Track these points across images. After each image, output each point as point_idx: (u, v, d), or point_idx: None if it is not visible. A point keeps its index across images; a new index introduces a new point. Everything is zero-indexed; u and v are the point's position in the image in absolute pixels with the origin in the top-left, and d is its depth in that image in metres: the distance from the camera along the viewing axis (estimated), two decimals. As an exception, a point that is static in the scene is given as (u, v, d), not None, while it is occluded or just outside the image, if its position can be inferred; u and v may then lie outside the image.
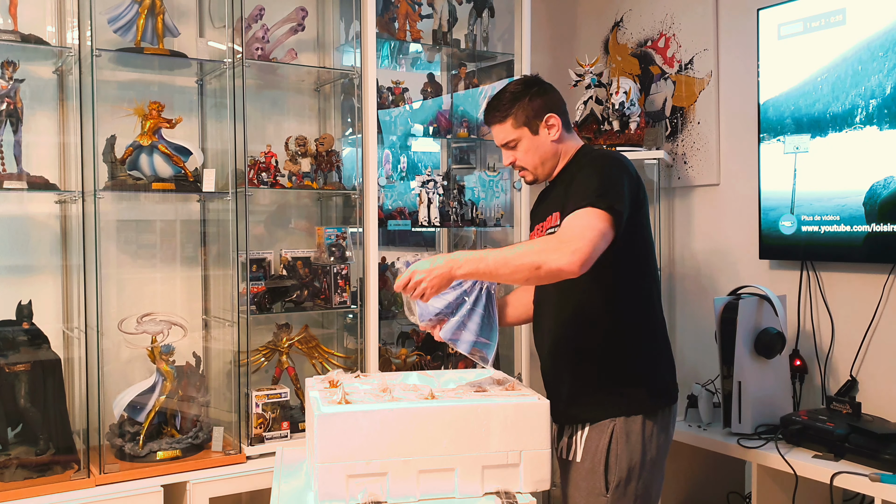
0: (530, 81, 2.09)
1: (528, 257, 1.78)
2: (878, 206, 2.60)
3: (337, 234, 2.91)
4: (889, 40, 2.56)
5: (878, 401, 2.67)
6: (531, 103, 2.03)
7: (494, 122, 2.07)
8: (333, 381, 2.03)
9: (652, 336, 2.04)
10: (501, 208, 3.28)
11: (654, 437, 1.96)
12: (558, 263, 1.75)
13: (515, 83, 2.08)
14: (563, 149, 2.06)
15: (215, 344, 2.87)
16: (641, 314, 2.02)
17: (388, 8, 3.01)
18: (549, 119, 2.03)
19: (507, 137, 2.06)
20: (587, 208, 1.82)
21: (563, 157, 2.07)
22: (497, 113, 2.05)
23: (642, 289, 2.02)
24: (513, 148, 2.07)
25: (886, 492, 2.19)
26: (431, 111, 3.19)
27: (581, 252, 1.75)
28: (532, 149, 2.04)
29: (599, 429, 1.96)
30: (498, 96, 2.07)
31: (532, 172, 2.08)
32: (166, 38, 2.66)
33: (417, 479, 1.77)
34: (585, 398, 2.00)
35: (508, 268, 1.79)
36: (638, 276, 2.01)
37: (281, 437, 2.66)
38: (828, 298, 2.83)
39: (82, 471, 2.38)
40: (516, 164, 2.09)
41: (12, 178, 2.39)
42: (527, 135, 2.04)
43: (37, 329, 2.46)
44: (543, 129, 2.03)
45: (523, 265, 1.78)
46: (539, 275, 1.78)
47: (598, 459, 1.95)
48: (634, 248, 1.97)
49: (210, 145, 2.87)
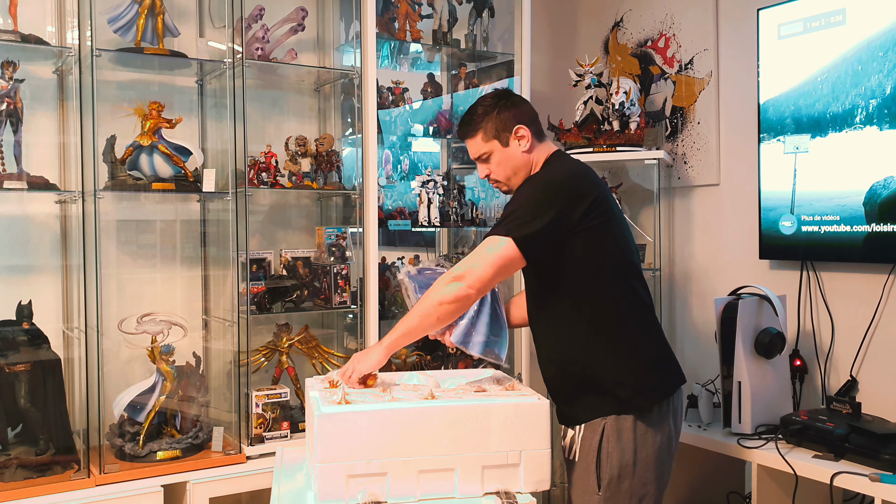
0: (500, 94, 2.15)
1: (427, 301, 1.97)
2: (878, 206, 2.60)
3: (337, 234, 2.91)
4: (889, 40, 2.56)
5: (878, 401, 2.67)
6: (499, 116, 2.08)
7: (467, 137, 2.14)
8: (333, 381, 2.03)
9: (633, 335, 2.03)
10: (501, 208, 3.28)
11: (648, 435, 1.96)
12: (455, 292, 1.94)
13: (484, 97, 2.15)
14: (535, 157, 2.11)
15: (215, 344, 2.87)
16: (618, 314, 2.02)
17: (388, 8, 3.00)
18: (519, 130, 2.08)
19: (479, 151, 2.12)
20: (492, 237, 1.97)
21: (535, 167, 2.11)
22: (468, 128, 2.12)
23: (616, 291, 2.03)
24: (486, 161, 2.12)
25: (886, 492, 2.19)
26: (431, 111, 3.19)
27: (472, 279, 1.94)
28: (504, 160, 2.10)
29: (592, 428, 1.98)
30: (469, 111, 2.13)
31: (506, 184, 2.14)
32: (166, 38, 2.66)
33: (417, 479, 1.77)
34: (577, 400, 2.03)
35: (422, 320, 1.97)
36: (608, 279, 2.02)
37: (281, 437, 2.66)
38: (828, 298, 2.83)
39: (82, 471, 2.38)
40: (491, 176, 2.15)
41: (12, 178, 2.39)
42: (497, 147, 2.09)
43: (37, 329, 2.46)
44: (514, 140, 2.08)
45: (429, 312, 1.96)
46: (446, 310, 1.95)
47: (590, 458, 1.97)
48: (595, 254, 2.00)
49: (210, 145, 2.87)
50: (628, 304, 2.05)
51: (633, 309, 2.05)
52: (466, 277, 1.94)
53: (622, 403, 1.96)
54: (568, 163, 2.12)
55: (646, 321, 2.07)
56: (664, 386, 2.04)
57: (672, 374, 2.08)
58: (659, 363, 2.07)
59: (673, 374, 2.08)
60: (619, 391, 1.97)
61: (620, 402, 1.96)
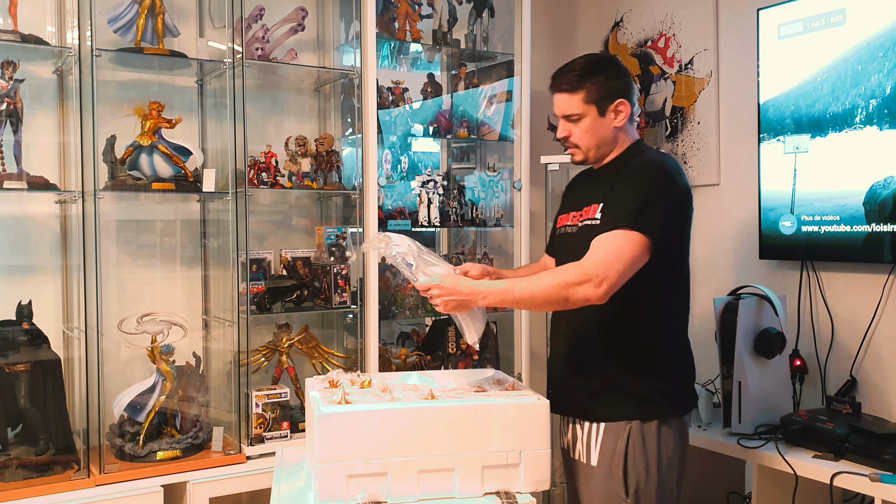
0: (610, 60, 2.00)
1: (554, 292, 1.79)
2: (878, 206, 2.60)
3: (337, 234, 2.91)
4: (889, 40, 2.56)
5: (878, 401, 2.67)
6: (607, 82, 1.94)
7: (563, 91, 1.96)
8: (333, 381, 2.03)
9: (677, 343, 2.01)
10: (501, 208, 3.28)
11: (668, 441, 1.94)
12: (585, 295, 1.78)
13: (594, 57, 1.99)
14: (622, 138, 1.99)
15: (215, 344, 2.87)
16: (669, 320, 1.99)
17: (388, 8, 3.00)
18: (620, 105, 1.95)
19: (570, 110, 1.96)
20: (622, 231, 1.81)
21: (618, 146, 1.99)
22: (568, 84, 1.94)
23: (672, 294, 1.98)
24: (573, 122, 1.97)
25: (886, 492, 2.19)
26: (431, 111, 3.19)
27: (607, 283, 1.78)
28: (592, 130, 1.95)
29: (615, 431, 1.92)
30: (572, 65, 1.95)
31: (583, 153, 2.00)
32: (166, 38, 2.65)
33: (417, 479, 1.77)
34: (604, 396, 1.96)
35: (535, 303, 1.83)
36: (669, 282, 1.96)
37: (281, 437, 2.66)
38: (828, 298, 2.83)
39: (82, 471, 2.38)
40: (570, 139, 1.99)
41: (12, 178, 2.40)
42: (593, 114, 1.94)
43: (37, 329, 2.46)
44: (611, 113, 1.95)
45: (549, 301, 1.82)
46: (567, 307, 1.83)
47: (615, 464, 1.91)
48: (667, 257, 1.91)
49: (210, 145, 2.87)
50: (680, 310, 2.01)
51: (682, 317, 2.02)
52: (605, 283, 1.78)
53: (652, 408, 1.92)
54: (668, 156, 2.03)
55: (686, 332, 2.04)
56: (691, 401, 2.03)
57: (694, 392, 2.08)
58: (692, 377, 2.05)
59: (694, 392, 2.08)
60: (654, 395, 1.93)
61: (651, 407, 1.92)
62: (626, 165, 1.96)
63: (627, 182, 1.90)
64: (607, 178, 1.98)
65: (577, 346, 2.03)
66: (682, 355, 2.04)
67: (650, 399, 1.93)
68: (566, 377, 2.07)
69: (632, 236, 1.81)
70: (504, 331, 3.29)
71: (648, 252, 1.83)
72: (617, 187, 1.91)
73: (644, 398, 1.93)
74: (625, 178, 1.91)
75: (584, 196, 2.04)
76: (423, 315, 3.12)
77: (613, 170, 1.99)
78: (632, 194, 1.87)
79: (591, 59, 1.99)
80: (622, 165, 1.98)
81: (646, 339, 1.96)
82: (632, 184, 1.89)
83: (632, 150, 2.00)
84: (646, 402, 1.93)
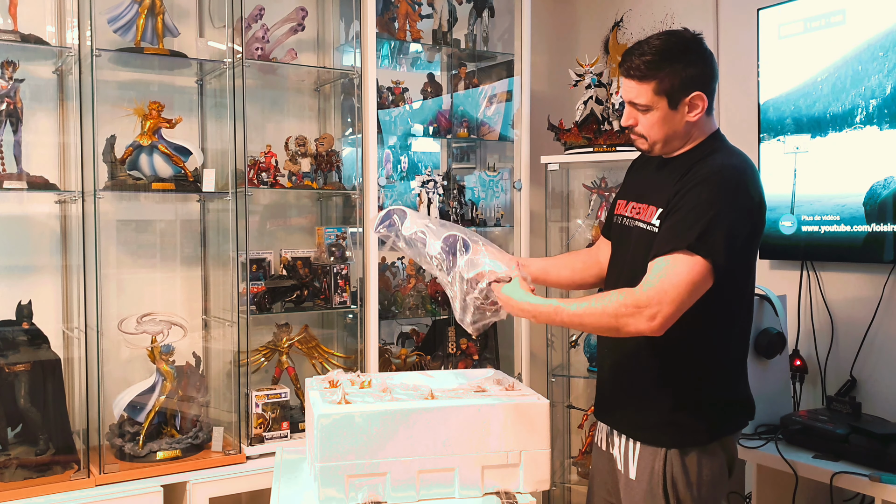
0: (692, 43, 1.75)
1: (604, 322, 1.66)
2: (878, 206, 2.60)
3: (337, 234, 2.91)
4: (889, 40, 2.56)
5: (878, 401, 2.67)
6: (684, 71, 1.72)
7: (633, 77, 1.75)
8: (333, 381, 2.03)
9: (734, 368, 1.86)
10: (501, 208, 3.28)
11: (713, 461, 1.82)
12: (637, 328, 1.64)
13: (673, 38, 1.74)
14: (696, 132, 1.79)
15: (215, 344, 2.87)
16: (727, 345, 1.82)
17: (388, 8, 3.00)
18: (696, 98, 1.74)
19: (639, 98, 1.76)
20: (681, 255, 1.63)
21: (691, 140, 1.80)
22: (638, 71, 1.74)
23: (734, 316, 1.81)
24: (641, 111, 1.77)
25: (886, 492, 2.19)
26: (431, 111, 3.19)
27: (662, 316, 1.62)
28: (661, 122, 1.75)
29: (651, 451, 1.82)
30: (646, 46, 1.74)
31: (649, 144, 1.80)
32: (166, 38, 2.65)
33: (417, 479, 1.77)
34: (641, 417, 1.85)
35: (584, 329, 1.77)
36: (731, 304, 1.78)
37: (281, 437, 2.66)
38: (828, 298, 2.83)
39: (82, 471, 2.38)
40: (636, 128, 1.80)
41: (12, 178, 2.40)
42: (663, 106, 1.74)
43: (37, 329, 2.46)
44: (684, 106, 1.74)
45: (599, 329, 1.72)
46: (620, 336, 1.69)
47: (655, 482, 1.81)
48: (732, 277, 1.71)
49: (210, 145, 2.87)
50: (745, 329, 1.86)
51: (746, 336, 1.87)
52: (659, 316, 1.62)
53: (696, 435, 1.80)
54: (742, 157, 1.80)
55: (747, 350, 1.88)
56: (745, 413, 1.89)
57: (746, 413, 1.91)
58: (746, 392, 1.90)
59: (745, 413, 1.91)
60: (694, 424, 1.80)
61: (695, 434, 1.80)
62: (697, 166, 1.75)
63: (693, 193, 1.70)
64: (676, 176, 1.77)
65: (622, 358, 1.89)
66: (736, 380, 1.86)
67: (689, 427, 1.80)
68: (608, 383, 1.97)
69: (693, 262, 1.63)
70: (504, 331, 3.29)
71: (711, 277, 1.64)
72: (682, 196, 1.71)
73: (682, 425, 1.80)
74: (692, 186, 1.71)
75: (648, 188, 1.86)
76: (423, 315, 3.13)
77: (683, 167, 1.78)
78: (696, 210, 1.67)
79: (669, 41, 1.75)
80: (693, 163, 1.77)
81: (695, 371, 1.79)
82: (698, 196, 1.69)
83: (705, 146, 1.80)
84: (684, 429, 1.80)
